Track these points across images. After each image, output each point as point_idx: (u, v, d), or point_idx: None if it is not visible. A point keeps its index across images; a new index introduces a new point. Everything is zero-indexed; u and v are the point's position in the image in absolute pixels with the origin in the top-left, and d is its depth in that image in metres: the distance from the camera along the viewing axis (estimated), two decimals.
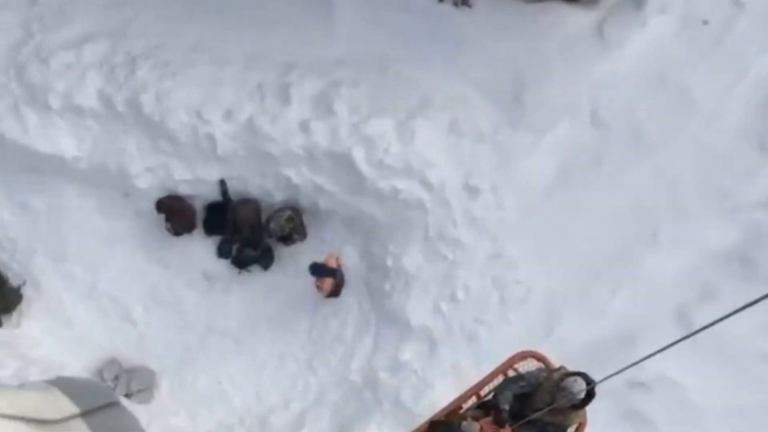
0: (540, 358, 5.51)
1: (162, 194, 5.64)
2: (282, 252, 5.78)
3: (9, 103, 5.63)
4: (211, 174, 5.76)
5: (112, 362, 5.64)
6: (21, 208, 5.65)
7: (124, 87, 5.73)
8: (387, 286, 5.77)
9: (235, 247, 5.74)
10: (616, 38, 5.82)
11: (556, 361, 5.24)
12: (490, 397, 5.58)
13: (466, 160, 5.81)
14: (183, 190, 5.78)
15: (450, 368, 5.94)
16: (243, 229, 5.73)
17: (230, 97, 5.76)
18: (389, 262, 5.77)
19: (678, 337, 6.08)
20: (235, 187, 5.74)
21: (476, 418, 5.37)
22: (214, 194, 5.77)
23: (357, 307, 5.76)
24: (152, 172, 5.74)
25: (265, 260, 5.72)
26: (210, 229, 5.74)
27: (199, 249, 5.79)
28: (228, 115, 5.71)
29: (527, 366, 5.56)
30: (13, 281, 5.61)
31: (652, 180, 5.88)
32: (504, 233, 5.79)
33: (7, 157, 5.77)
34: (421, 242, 5.78)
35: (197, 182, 5.77)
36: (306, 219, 5.76)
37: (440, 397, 5.93)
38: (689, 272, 5.93)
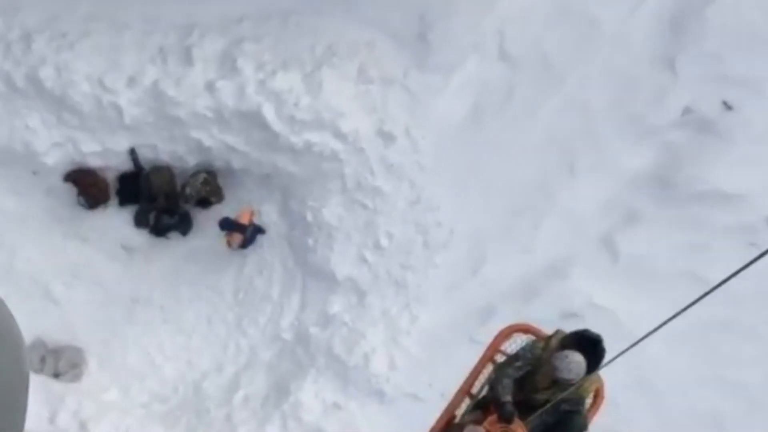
0: (526, 330, 5.21)
1: (72, 168, 5.56)
2: (200, 216, 5.70)
3: None
4: (121, 143, 5.64)
5: (37, 343, 5.53)
6: None
7: (22, 62, 5.57)
8: (310, 241, 5.72)
9: (152, 216, 5.63)
10: None
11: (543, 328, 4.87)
12: (485, 392, 5.21)
13: (378, 107, 5.76)
14: (93, 162, 5.65)
15: (380, 316, 5.92)
16: (158, 197, 5.63)
17: (132, 63, 5.63)
18: (309, 217, 5.71)
19: (603, 263, 6.14)
20: (146, 155, 5.62)
21: (478, 422, 4.93)
22: (125, 164, 5.66)
23: (281, 265, 5.71)
24: (60, 147, 5.60)
25: (184, 226, 5.62)
26: (124, 199, 5.62)
27: (116, 220, 5.68)
28: (131, 81, 5.59)
29: (515, 344, 5.20)
30: None
31: (565, 110, 5.88)
32: (422, 177, 5.76)
33: None
34: (340, 194, 5.73)
35: (107, 153, 5.65)
36: (221, 180, 5.68)
37: (373, 345, 5.96)
38: (610, 198, 5.94)
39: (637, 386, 5.69)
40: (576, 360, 4.47)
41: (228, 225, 5.27)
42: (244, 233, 5.33)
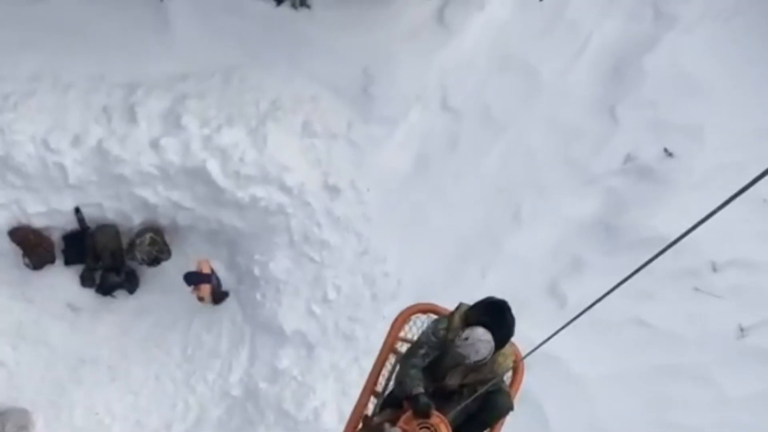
0: (426, 310, 4.77)
1: (16, 227, 5.56)
2: (146, 273, 5.69)
3: None
4: (66, 203, 5.62)
5: None
6: None
7: None
8: (258, 296, 5.72)
9: (97, 275, 5.61)
10: (457, 24, 5.89)
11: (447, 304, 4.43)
12: (392, 387, 4.73)
13: (323, 160, 5.80)
14: (38, 222, 5.62)
15: (329, 369, 5.90)
16: (104, 256, 5.60)
17: (76, 123, 5.64)
18: (257, 271, 5.71)
19: (550, 309, 6.17)
20: (91, 214, 5.61)
21: (392, 421, 4.42)
22: (71, 223, 5.66)
23: (230, 320, 5.70)
24: (4, 208, 5.61)
25: (130, 284, 5.60)
26: (70, 258, 5.60)
27: (62, 280, 5.65)
28: (76, 141, 5.59)
29: (417, 327, 4.74)
30: None
31: (509, 158, 5.95)
32: (368, 228, 5.79)
33: None
34: (287, 247, 5.75)
35: (52, 213, 5.63)
36: (168, 237, 5.69)
37: (323, 399, 5.94)
38: (555, 246, 5.99)
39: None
40: (480, 338, 4.03)
41: (194, 278, 5.25)
42: (210, 282, 5.32)
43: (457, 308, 4.22)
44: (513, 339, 4.06)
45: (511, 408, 4.40)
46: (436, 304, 4.54)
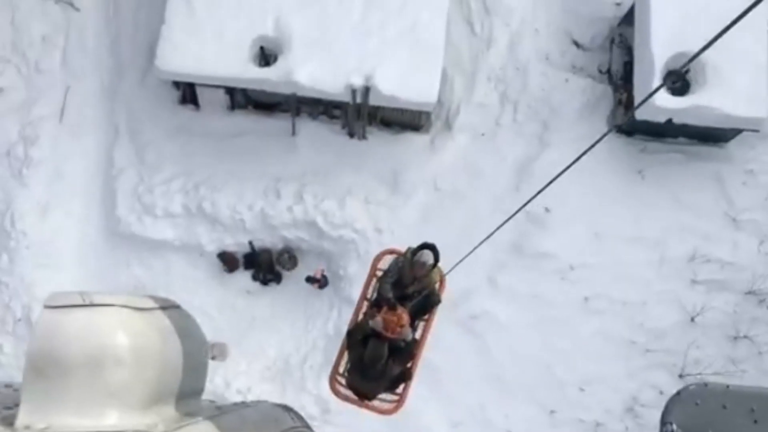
0: (391, 252, 7.52)
1: (219, 250, 10.84)
2: (286, 274, 11.00)
3: (136, 215, 10.78)
4: (244, 239, 10.93)
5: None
6: (148, 268, 10.74)
7: (194, 198, 10.93)
8: (342, 284, 10.99)
9: (260, 275, 10.94)
10: (440, 147, 11.24)
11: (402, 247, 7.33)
12: (375, 296, 7.35)
13: (373, 215, 11.08)
14: (230, 248, 10.96)
15: None
16: (263, 265, 10.94)
17: (249, 198, 10.93)
18: (341, 272, 10.98)
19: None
20: (257, 244, 10.94)
21: (374, 315, 6.91)
22: (246, 248, 10.89)
23: (328, 297, 10.92)
24: (214, 242, 10.91)
25: (278, 279, 10.91)
26: (247, 267, 10.90)
27: (242, 278, 10.89)
28: (250, 207, 10.89)
29: (386, 263, 7.37)
30: None
31: (474, 211, 11.34)
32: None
33: (135, 242, 10.88)
34: (356, 259, 10.97)
35: (238, 244, 10.87)
36: (297, 255, 11.01)
37: None
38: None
39: None
40: (426, 253, 6.67)
41: (309, 280, 10.57)
42: (319, 281, 10.61)
43: (407, 249, 7.03)
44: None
45: (439, 301, 7.29)
46: (395, 248, 7.49)
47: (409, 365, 7.28)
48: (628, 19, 10.83)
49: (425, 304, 7.32)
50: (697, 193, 10.61)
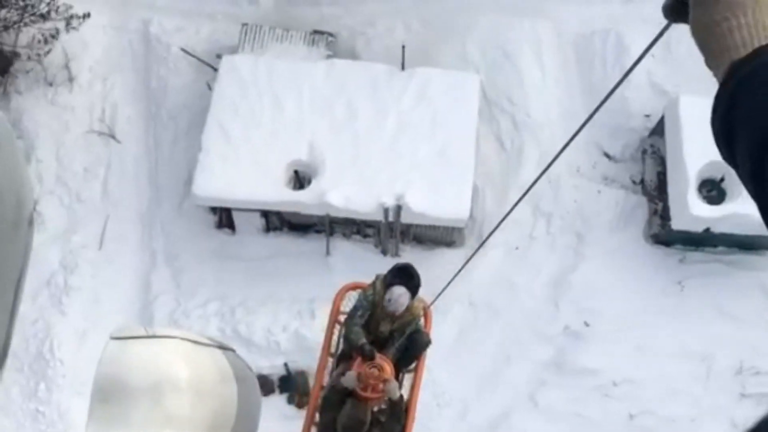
0: (354, 287, 6.44)
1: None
2: None
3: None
4: (279, 360, 10.81)
5: None
6: None
7: (230, 322, 10.90)
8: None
9: (296, 398, 10.74)
10: (473, 261, 11.16)
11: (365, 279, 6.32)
12: (342, 347, 6.19)
13: None
14: (266, 371, 10.85)
15: None
16: (299, 388, 10.76)
17: (283, 320, 10.85)
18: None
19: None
20: (292, 365, 10.81)
21: (346, 370, 5.70)
22: (281, 370, 10.77)
23: None
24: (250, 364, 10.80)
25: None
26: (282, 390, 10.74)
27: (277, 401, 10.65)
28: (284, 329, 10.82)
29: (350, 302, 6.29)
30: None
31: (508, 326, 11.09)
32: (432, 364, 10.89)
33: None
34: None
35: (272, 366, 10.81)
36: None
37: None
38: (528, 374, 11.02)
39: None
40: (400, 293, 5.40)
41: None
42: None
43: (377, 278, 5.77)
44: (420, 293, 5.88)
45: (429, 342, 6.00)
46: (359, 282, 6.32)
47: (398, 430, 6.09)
48: (659, 129, 10.83)
49: (411, 348, 6.10)
50: (740, 303, 10.29)
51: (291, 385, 10.62)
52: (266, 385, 10.62)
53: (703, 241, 10.36)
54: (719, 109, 1.33)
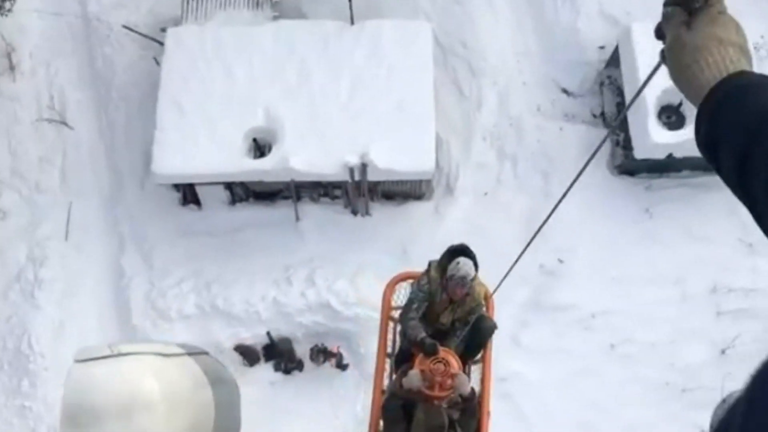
0: (405, 277, 5.79)
1: (236, 344, 10.56)
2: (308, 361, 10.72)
3: (151, 321, 10.57)
4: (261, 330, 10.69)
5: None
6: None
7: (207, 297, 10.72)
8: (364, 363, 10.70)
9: (282, 364, 10.65)
10: (444, 212, 11.07)
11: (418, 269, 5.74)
12: (399, 345, 5.58)
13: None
14: (248, 341, 10.70)
15: None
16: (284, 354, 10.66)
17: (261, 290, 10.70)
18: (362, 350, 10.64)
19: None
20: (274, 333, 10.67)
21: (408, 371, 5.04)
22: (265, 339, 10.59)
23: (353, 381, 10.57)
24: (231, 337, 10.68)
25: (300, 367, 10.58)
26: (267, 358, 10.61)
27: (264, 370, 10.61)
28: (263, 298, 10.68)
29: (402, 293, 5.70)
30: None
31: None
32: None
33: None
34: (375, 335, 10.70)
35: (255, 336, 10.61)
36: (314, 339, 10.74)
37: None
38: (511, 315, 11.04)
39: None
40: (465, 262, 4.90)
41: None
42: (335, 357, 10.26)
43: (429, 265, 5.24)
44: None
45: (495, 327, 5.32)
46: (409, 271, 5.81)
47: (474, 429, 5.38)
48: (614, 60, 10.69)
49: (477, 336, 5.43)
50: (708, 224, 10.33)
51: (276, 352, 10.53)
52: (251, 355, 10.54)
53: (667, 167, 10.34)
54: (701, 129, 1.53)
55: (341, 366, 10.40)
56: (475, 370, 5.79)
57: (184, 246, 10.44)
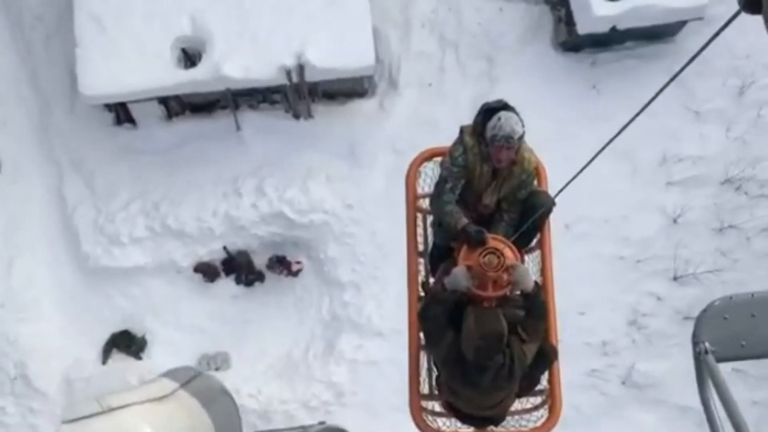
0: (432, 155, 4.45)
1: (196, 263, 10.19)
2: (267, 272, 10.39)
3: (102, 247, 10.09)
4: (217, 245, 10.26)
5: (205, 356, 10.14)
6: (128, 297, 10.11)
7: (157, 217, 10.21)
8: (325, 268, 10.41)
9: (243, 277, 10.33)
10: (390, 107, 10.54)
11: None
12: (434, 240, 4.31)
13: (339, 193, 10.41)
14: (206, 258, 10.29)
15: (371, 294, 10.65)
16: (243, 267, 10.32)
17: (212, 204, 10.18)
18: (321, 255, 10.33)
19: None
20: (231, 247, 10.27)
21: (451, 269, 3.87)
22: (222, 254, 10.25)
23: (309, 282, 10.30)
24: (187, 256, 10.24)
25: (261, 278, 10.24)
26: (227, 272, 10.26)
27: (225, 285, 10.23)
28: (214, 213, 10.17)
29: (428, 181, 4.35)
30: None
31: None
32: (370, 221, 10.47)
33: (109, 274, 10.23)
34: (333, 240, 10.22)
35: (212, 252, 10.06)
36: (272, 249, 10.39)
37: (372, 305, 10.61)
38: None
39: None
40: (509, 115, 3.72)
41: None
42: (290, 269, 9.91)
43: (462, 132, 3.91)
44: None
45: (553, 203, 4.07)
46: (437, 147, 4.28)
47: (543, 333, 4.17)
48: None
49: (530, 216, 4.08)
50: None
51: (235, 266, 10.21)
52: (211, 272, 10.24)
53: (611, 40, 9.89)
54: None
55: (293, 273, 10.11)
56: (531, 260, 4.63)
57: (125, 167, 9.86)
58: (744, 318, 3.24)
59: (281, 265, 10.07)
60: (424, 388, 4.51)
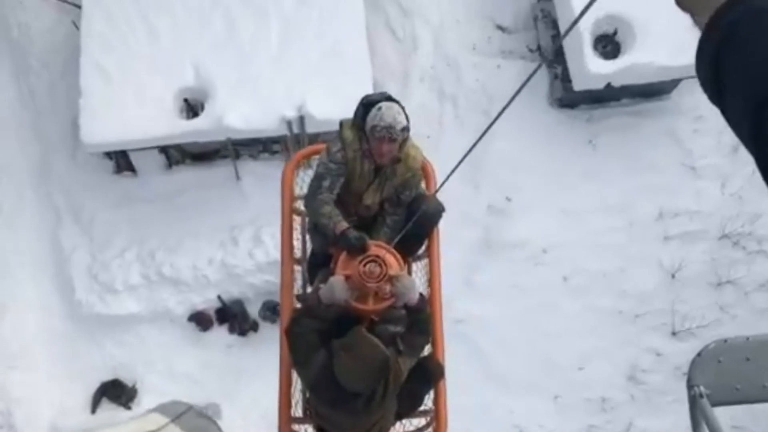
0: (308, 153, 3.88)
1: (191, 312, 10.00)
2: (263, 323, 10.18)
3: (96, 295, 9.92)
4: (212, 294, 10.13)
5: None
6: (121, 345, 9.90)
7: (152, 265, 10.09)
8: None
9: (236, 326, 10.13)
10: None
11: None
12: (312, 245, 3.90)
13: None
14: (200, 306, 10.14)
15: None
16: (237, 316, 10.13)
17: (208, 252, 10.08)
18: None
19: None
20: (225, 296, 10.12)
21: (328, 277, 3.47)
22: (216, 303, 10.06)
23: None
24: (181, 304, 10.06)
25: (255, 328, 10.03)
26: (220, 322, 10.06)
27: (218, 334, 10.08)
28: (210, 261, 10.07)
29: (307, 173, 3.84)
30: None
31: None
32: None
33: (102, 322, 10.03)
34: None
35: (206, 301, 10.04)
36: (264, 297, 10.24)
37: None
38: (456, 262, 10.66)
39: None
40: (390, 106, 3.25)
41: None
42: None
43: (341, 126, 3.46)
44: None
45: (442, 209, 3.68)
46: (313, 146, 3.74)
47: (422, 349, 3.71)
48: None
49: (417, 222, 3.61)
50: (651, 151, 10.02)
51: (229, 315, 10.01)
52: (204, 321, 10.02)
53: (606, 96, 9.95)
54: (705, 58, 1.23)
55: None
56: (419, 269, 4.08)
57: (123, 215, 9.76)
58: (739, 361, 3.23)
59: (273, 313, 9.88)
60: (297, 411, 4.10)
